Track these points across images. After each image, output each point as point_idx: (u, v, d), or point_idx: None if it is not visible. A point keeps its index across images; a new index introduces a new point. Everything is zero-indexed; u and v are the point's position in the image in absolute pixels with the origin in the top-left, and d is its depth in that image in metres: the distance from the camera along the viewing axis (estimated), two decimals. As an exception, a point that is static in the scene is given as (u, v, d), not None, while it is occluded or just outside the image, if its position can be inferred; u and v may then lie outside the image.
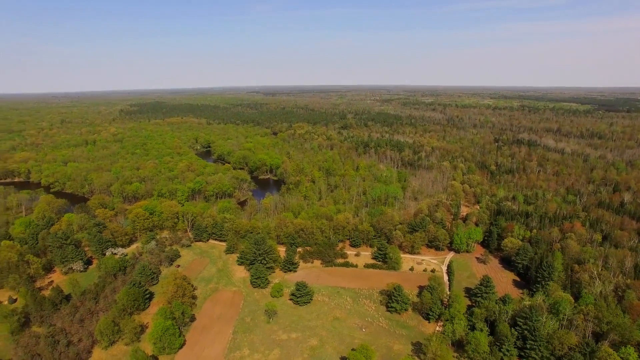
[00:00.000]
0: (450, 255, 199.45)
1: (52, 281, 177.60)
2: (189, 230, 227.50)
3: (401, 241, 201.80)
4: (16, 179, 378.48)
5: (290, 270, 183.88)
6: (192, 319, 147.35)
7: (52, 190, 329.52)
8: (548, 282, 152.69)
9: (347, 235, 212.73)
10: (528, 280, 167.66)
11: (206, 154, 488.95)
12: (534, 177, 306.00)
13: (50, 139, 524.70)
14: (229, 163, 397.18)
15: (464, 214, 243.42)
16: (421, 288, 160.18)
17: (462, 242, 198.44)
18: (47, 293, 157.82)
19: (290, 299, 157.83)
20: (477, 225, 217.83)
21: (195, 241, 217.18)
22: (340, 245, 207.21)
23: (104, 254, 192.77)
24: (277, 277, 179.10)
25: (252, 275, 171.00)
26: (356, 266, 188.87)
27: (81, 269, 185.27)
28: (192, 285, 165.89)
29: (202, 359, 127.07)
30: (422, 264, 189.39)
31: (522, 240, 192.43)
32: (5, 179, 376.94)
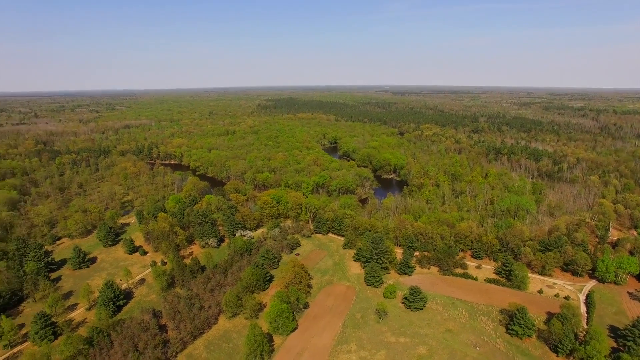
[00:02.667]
0: (592, 283, 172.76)
1: (192, 252, 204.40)
2: (310, 222, 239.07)
3: (530, 259, 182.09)
4: (172, 161, 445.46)
5: (406, 274, 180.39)
6: (306, 306, 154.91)
7: (197, 173, 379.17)
8: None
9: (468, 245, 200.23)
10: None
11: (332, 149, 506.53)
12: None
13: (200, 128, 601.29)
14: (353, 160, 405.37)
15: (614, 238, 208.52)
16: (550, 315, 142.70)
17: (608, 271, 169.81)
18: (188, 262, 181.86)
19: (403, 303, 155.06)
20: (631, 254, 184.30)
21: (316, 233, 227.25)
22: (461, 254, 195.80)
23: (234, 235, 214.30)
24: (392, 278, 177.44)
25: (366, 273, 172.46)
26: (476, 279, 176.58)
27: (215, 245, 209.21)
28: (309, 275, 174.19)
29: (311, 345, 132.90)
30: (554, 288, 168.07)
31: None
32: (165, 160, 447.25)
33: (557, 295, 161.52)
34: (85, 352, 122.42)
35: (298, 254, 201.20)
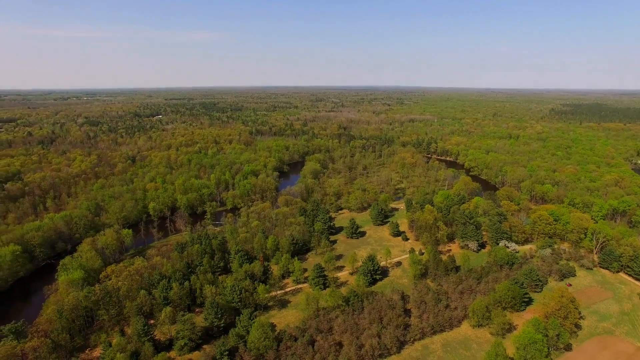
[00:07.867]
0: None
1: (450, 250, 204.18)
2: (595, 252, 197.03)
3: None
4: (448, 158, 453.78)
5: None
6: (568, 348, 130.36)
7: (470, 173, 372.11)
8: None
9: None
10: None
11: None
12: None
13: (481, 129, 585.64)
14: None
15: None
16: None
17: None
18: (444, 258, 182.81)
19: None
20: None
21: (600, 267, 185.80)
22: None
23: (497, 244, 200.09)
24: None
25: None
26: None
27: (474, 249, 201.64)
28: (579, 313, 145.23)
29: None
30: None
31: None
32: (441, 156, 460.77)
33: None
34: (342, 307, 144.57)
35: (570, 285, 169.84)
